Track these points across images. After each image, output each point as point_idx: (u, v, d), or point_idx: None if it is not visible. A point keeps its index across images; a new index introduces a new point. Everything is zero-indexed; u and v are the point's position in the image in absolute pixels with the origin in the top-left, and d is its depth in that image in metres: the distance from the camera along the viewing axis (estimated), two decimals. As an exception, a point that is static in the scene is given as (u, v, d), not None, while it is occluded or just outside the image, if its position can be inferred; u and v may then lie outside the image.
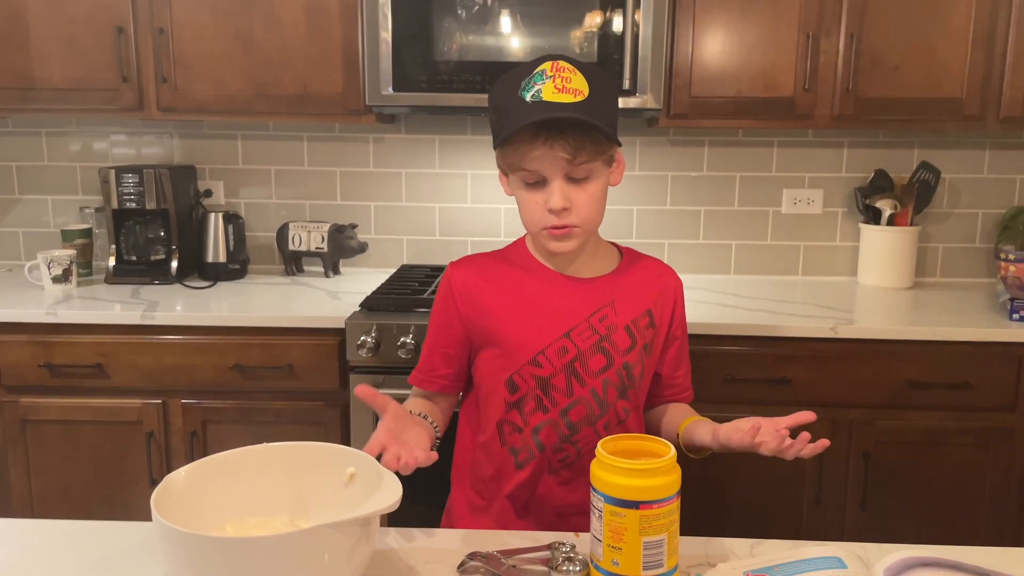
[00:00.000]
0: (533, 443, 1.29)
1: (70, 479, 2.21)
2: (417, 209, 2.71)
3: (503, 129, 1.20)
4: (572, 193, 1.21)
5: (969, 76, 2.22)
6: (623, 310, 1.31)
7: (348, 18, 2.25)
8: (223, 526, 0.97)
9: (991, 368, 2.05)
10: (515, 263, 1.36)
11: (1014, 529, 2.10)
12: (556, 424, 1.28)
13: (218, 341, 2.12)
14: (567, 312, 1.29)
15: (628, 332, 1.30)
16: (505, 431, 1.31)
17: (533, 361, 1.27)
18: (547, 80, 1.17)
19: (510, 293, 1.32)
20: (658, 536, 0.91)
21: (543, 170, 1.20)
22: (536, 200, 1.23)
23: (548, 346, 1.27)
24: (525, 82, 1.18)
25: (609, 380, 1.29)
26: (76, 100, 2.34)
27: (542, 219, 1.23)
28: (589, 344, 1.28)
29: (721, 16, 2.22)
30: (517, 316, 1.30)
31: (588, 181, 1.22)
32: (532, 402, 1.28)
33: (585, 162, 1.19)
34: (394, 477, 0.93)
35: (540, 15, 2.16)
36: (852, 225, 2.64)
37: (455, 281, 1.34)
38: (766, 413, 2.05)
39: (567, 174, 1.20)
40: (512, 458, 1.31)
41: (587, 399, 1.28)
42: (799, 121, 2.28)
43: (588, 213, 1.23)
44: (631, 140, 2.59)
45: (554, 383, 1.28)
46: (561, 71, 1.18)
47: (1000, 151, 2.59)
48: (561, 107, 1.15)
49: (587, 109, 1.16)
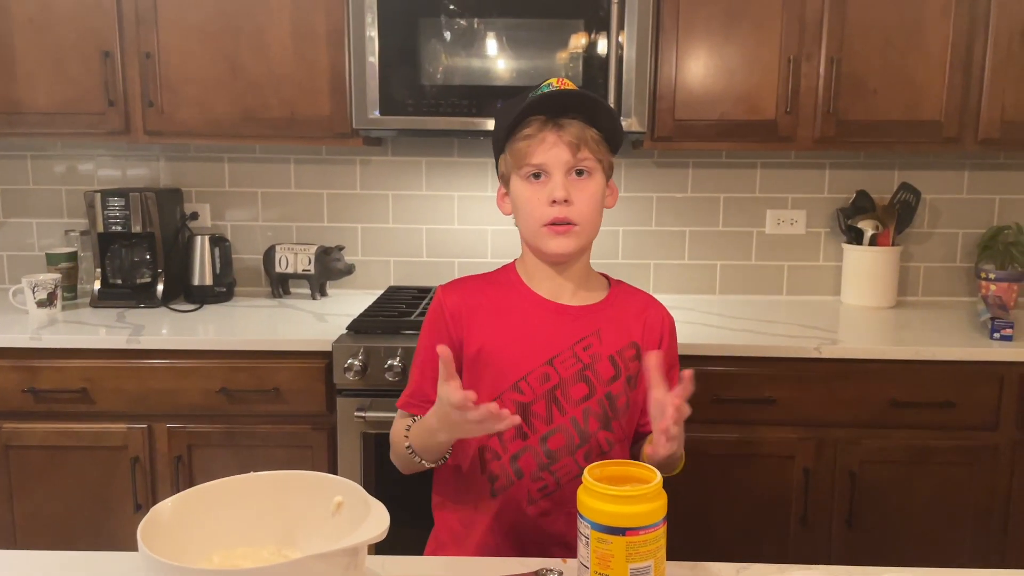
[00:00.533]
0: (511, 470, 1.30)
1: (54, 505, 2.19)
2: (404, 231, 2.72)
3: (511, 123, 1.28)
4: (573, 188, 1.26)
5: (947, 99, 2.26)
6: (608, 340, 1.32)
7: (335, 43, 2.27)
8: (210, 556, 0.96)
9: (974, 387, 2.07)
10: (504, 287, 1.37)
11: (998, 545, 2.12)
12: (535, 452, 1.29)
13: (204, 365, 2.12)
14: (552, 339, 1.30)
15: (612, 362, 1.31)
16: (486, 457, 1.31)
17: (515, 387, 1.28)
18: (553, 87, 1.27)
19: (497, 318, 1.33)
20: (645, 563, 0.92)
21: (548, 163, 1.26)
22: (538, 196, 1.27)
23: (530, 372, 1.28)
24: (532, 93, 1.28)
25: (590, 409, 1.29)
26: (63, 124, 2.34)
27: (544, 213, 1.27)
28: (572, 372, 1.29)
29: (704, 40, 2.25)
30: (503, 340, 1.31)
31: (589, 178, 1.28)
32: (512, 428, 1.27)
33: (587, 157, 1.26)
34: (381, 505, 0.93)
35: (526, 39, 2.19)
36: (835, 245, 2.67)
37: (447, 304, 1.35)
38: (752, 433, 2.10)
39: (570, 168, 1.26)
40: (489, 485, 1.31)
41: (567, 427, 1.28)
42: (781, 144, 2.31)
43: (587, 211, 1.28)
44: (616, 162, 2.60)
45: (534, 410, 1.28)
46: (565, 84, 1.28)
47: (979, 172, 2.63)
48: (568, 93, 1.26)
49: (591, 101, 1.27)
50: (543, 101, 1.26)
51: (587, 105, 1.27)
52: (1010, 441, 2.09)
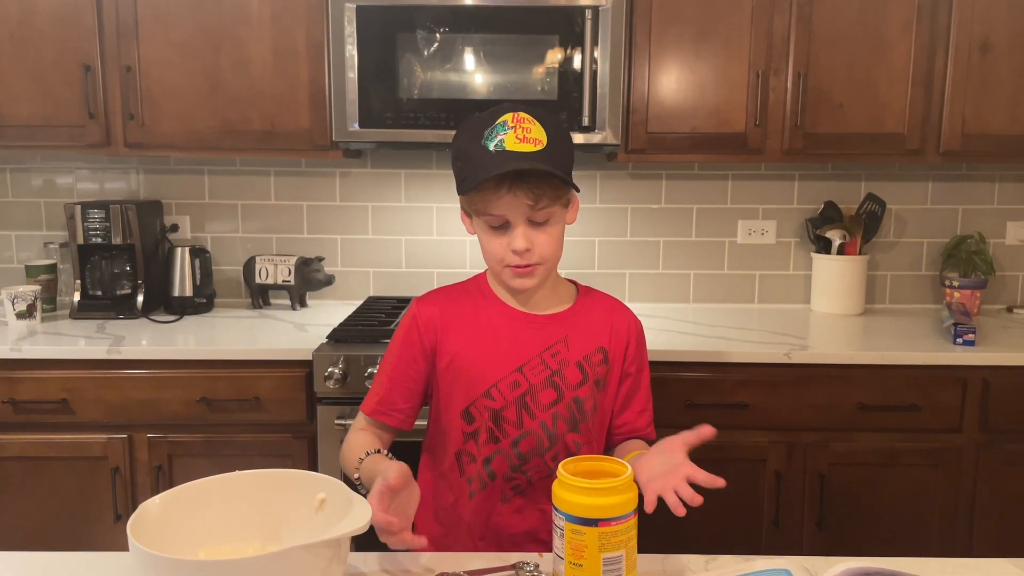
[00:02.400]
0: (485, 472, 1.34)
1: (34, 517, 2.19)
2: (383, 242, 2.75)
3: (469, 176, 1.25)
4: (534, 235, 1.28)
5: (910, 113, 2.34)
6: (576, 346, 1.36)
7: (315, 57, 2.31)
8: (196, 553, 0.99)
9: (938, 391, 2.14)
10: (476, 297, 1.41)
11: (964, 542, 2.18)
12: (507, 455, 1.33)
13: (184, 375, 2.13)
14: (521, 347, 1.35)
15: (580, 368, 1.35)
16: (463, 461, 1.36)
17: (487, 394, 1.33)
18: (508, 131, 1.23)
19: (469, 328, 1.37)
20: (617, 552, 0.96)
21: (507, 214, 1.26)
22: (500, 242, 1.29)
23: (501, 379, 1.33)
24: (488, 132, 1.24)
25: (559, 413, 1.34)
26: (43, 137, 2.35)
27: (505, 258, 1.29)
28: (541, 379, 1.34)
29: (675, 56, 2.32)
30: (475, 350, 1.35)
31: (548, 224, 1.29)
32: (484, 433, 1.34)
33: (546, 207, 1.25)
34: (363, 501, 0.96)
35: (502, 54, 2.24)
36: (804, 255, 2.74)
37: (421, 316, 1.38)
38: (725, 437, 2.12)
39: (529, 218, 1.26)
40: (467, 487, 1.36)
41: (536, 431, 1.33)
42: (751, 156, 2.37)
43: (548, 252, 1.30)
44: (592, 174, 2.67)
45: (505, 415, 1.33)
46: (521, 122, 1.24)
47: (943, 183, 2.72)
48: (523, 156, 1.22)
49: (546, 157, 1.22)
50: (501, 172, 1.21)
51: (544, 170, 1.22)
52: (973, 443, 2.15)
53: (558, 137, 1.26)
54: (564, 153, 1.28)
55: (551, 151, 1.23)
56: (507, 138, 1.22)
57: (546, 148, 1.23)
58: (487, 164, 1.22)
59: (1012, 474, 2.16)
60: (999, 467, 2.16)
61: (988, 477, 2.16)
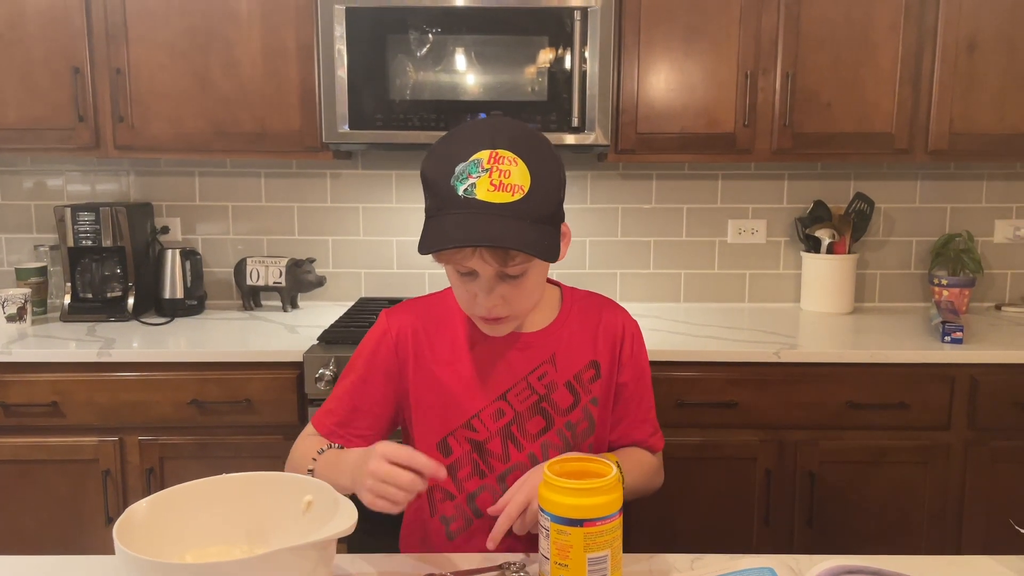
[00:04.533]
0: (469, 509, 1.24)
1: (25, 520, 2.19)
2: (374, 243, 2.76)
3: (428, 229, 1.08)
4: (506, 289, 1.12)
5: (898, 112, 2.35)
6: (564, 365, 1.25)
7: (304, 59, 2.31)
8: (184, 556, 0.99)
9: (926, 388, 2.15)
10: (453, 312, 1.26)
11: (952, 539, 2.20)
12: (493, 490, 1.22)
13: (175, 377, 2.13)
14: (504, 372, 1.23)
15: (570, 389, 1.24)
16: (436, 498, 1.25)
17: (467, 425, 1.22)
18: (482, 174, 1.05)
19: (446, 348, 1.25)
20: (602, 552, 0.96)
21: (474, 267, 1.10)
22: (470, 290, 1.14)
23: (483, 409, 1.22)
24: (460, 169, 1.06)
25: (549, 442, 1.23)
26: (32, 139, 2.35)
27: (473, 308, 1.16)
28: (527, 405, 1.23)
29: (664, 56, 2.32)
30: (453, 376, 1.23)
31: (524, 276, 1.12)
32: (468, 466, 1.23)
33: (520, 263, 1.09)
34: (350, 503, 0.96)
35: (492, 55, 2.25)
36: (794, 254, 2.75)
37: (391, 332, 1.26)
38: (715, 436, 2.16)
39: (500, 272, 1.10)
40: (443, 528, 1.25)
41: (525, 464, 1.22)
42: (740, 155, 2.38)
43: (522, 305, 1.16)
44: (582, 174, 2.68)
45: (490, 448, 1.22)
46: (499, 162, 1.05)
47: (931, 182, 2.73)
48: (495, 210, 1.04)
49: (522, 211, 1.05)
50: (461, 223, 1.04)
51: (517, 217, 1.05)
52: (962, 440, 2.17)
53: (544, 178, 1.07)
54: (551, 196, 1.09)
55: (531, 200, 1.05)
56: (479, 183, 1.04)
57: (525, 197, 1.05)
58: (452, 213, 1.05)
59: (1000, 471, 2.17)
60: (987, 464, 2.17)
61: (976, 474, 2.17)
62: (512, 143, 1.07)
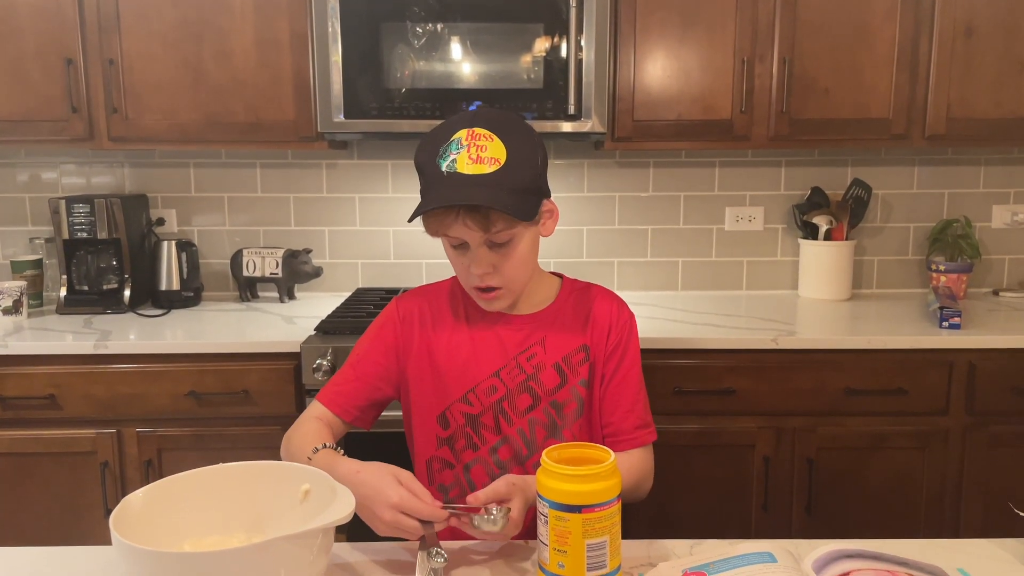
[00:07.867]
0: (464, 480, 1.31)
1: (23, 513, 2.19)
2: (371, 233, 2.75)
3: (422, 199, 1.20)
4: (495, 258, 1.22)
5: (895, 97, 2.34)
6: (553, 347, 1.32)
7: (298, 48, 2.30)
8: (181, 545, 0.99)
9: (924, 374, 2.15)
10: (454, 297, 1.37)
11: (951, 523, 2.20)
12: (485, 462, 1.30)
13: (173, 368, 2.13)
14: (498, 351, 1.31)
15: (558, 370, 1.31)
16: (434, 468, 1.33)
17: (464, 399, 1.31)
18: (461, 150, 1.15)
19: (447, 328, 1.34)
20: (601, 538, 0.96)
21: (463, 237, 1.20)
22: (462, 261, 1.24)
23: (478, 384, 1.30)
24: (442, 149, 1.17)
25: (536, 420, 1.30)
26: (25, 131, 2.34)
27: (468, 279, 1.26)
28: (517, 383, 1.30)
29: (660, 43, 2.31)
30: (451, 353, 1.32)
31: (510, 245, 1.22)
32: (463, 439, 1.31)
33: (503, 230, 1.19)
34: (347, 490, 0.96)
35: (487, 43, 2.23)
36: (792, 241, 2.75)
37: (399, 312, 1.37)
38: (713, 423, 2.16)
39: (487, 240, 1.20)
40: (442, 496, 1.30)
41: (514, 438, 1.30)
42: (737, 142, 2.37)
43: (512, 275, 1.24)
44: (579, 163, 2.67)
45: (483, 421, 1.30)
46: (476, 139, 1.16)
47: (928, 167, 2.72)
48: (473, 181, 1.14)
49: (498, 180, 1.14)
50: (444, 205, 1.16)
51: (494, 185, 1.15)
52: (960, 425, 2.17)
53: (520, 151, 1.18)
54: (525, 170, 1.19)
55: (507, 171, 1.15)
56: (459, 158, 1.15)
57: (502, 169, 1.15)
58: (436, 187, 1.17)
59: (998, 456, 2.18)
60: (985, 449, 2.17)
61: (974, 459, 2.17)
62: (488, 123, 1.18)
